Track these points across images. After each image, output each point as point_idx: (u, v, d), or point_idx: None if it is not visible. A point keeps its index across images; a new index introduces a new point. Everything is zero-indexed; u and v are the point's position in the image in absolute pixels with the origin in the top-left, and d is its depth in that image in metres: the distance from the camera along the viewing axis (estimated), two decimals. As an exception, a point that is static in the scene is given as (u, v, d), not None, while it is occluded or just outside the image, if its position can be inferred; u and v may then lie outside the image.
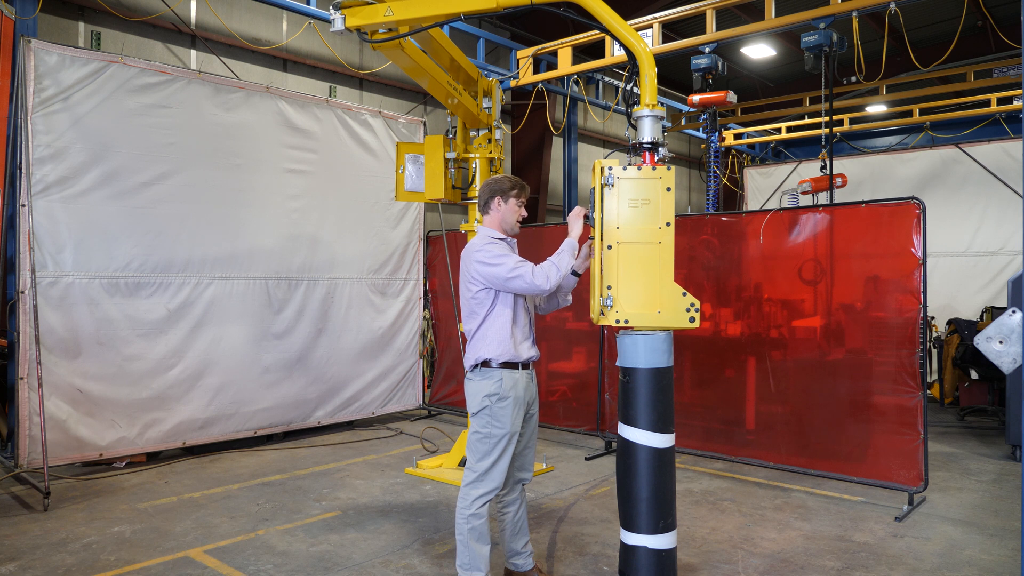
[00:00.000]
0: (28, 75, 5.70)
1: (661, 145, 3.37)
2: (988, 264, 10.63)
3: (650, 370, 3.21)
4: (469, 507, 3.54)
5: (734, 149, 15.12)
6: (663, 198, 3.25)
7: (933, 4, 11.48)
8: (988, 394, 8.43)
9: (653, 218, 3.24)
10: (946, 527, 4.92)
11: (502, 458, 3.57)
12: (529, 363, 3.70)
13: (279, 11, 9.24)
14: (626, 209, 3.26)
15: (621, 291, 3.25)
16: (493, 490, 3.57)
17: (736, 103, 10.55)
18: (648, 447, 3.19)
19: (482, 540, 3.56)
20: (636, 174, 3.27)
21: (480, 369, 3.62)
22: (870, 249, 5.86)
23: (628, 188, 3.26)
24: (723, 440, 6.50)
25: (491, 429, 3.55)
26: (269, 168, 7.22)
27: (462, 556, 3.57)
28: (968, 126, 12.35)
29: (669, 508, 3.23)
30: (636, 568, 3.22)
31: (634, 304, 3.25)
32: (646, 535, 3.18)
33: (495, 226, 3.76)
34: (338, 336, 7.77)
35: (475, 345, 3.65)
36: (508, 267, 3.50)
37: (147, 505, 5.28)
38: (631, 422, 3.23)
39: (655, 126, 3.38)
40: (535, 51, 9.91)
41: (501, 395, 3.56)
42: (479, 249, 3.60)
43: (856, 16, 6.96)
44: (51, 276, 5.85)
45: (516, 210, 3.75)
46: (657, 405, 3.21)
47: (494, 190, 3.75)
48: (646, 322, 3.24)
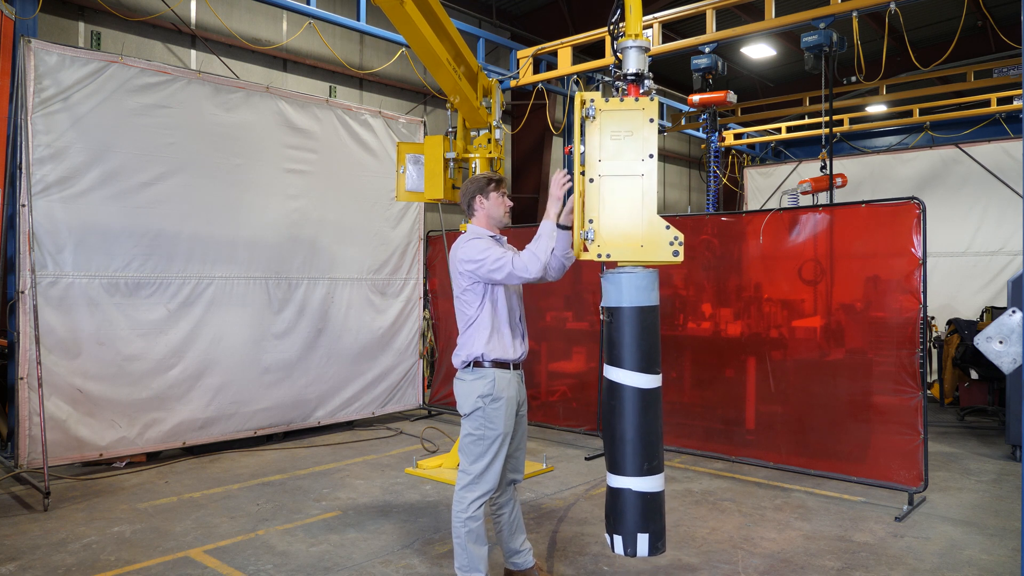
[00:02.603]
0: (28, 75, 5.70)
1: (647, 77, 3.28)
2: (988, 264, 10.63)
3: (634, 308, 3.12)
4: (465, 510, 3.54)
5: (734, 149, 15.11)
6: (646, 129, 3.17)
7: (933, 4, 11.48)
8: (988, 394, 8.43)
9: (635, 150, 3.16)
10: (946, 527, 4.92)
11: (496, 459, 3.56)
12: (519, 364, 3.70)
13: (279, 11, 9.24)
14: (608, 141, 3.18)
15: (603, 225, 3.16)
16: (488, 492, 3.56)
17: (736, 103, 10.57)
18: (633, 387, 3.10)
19: (479, 541, 3.55)
20: (618, 105, 3.18)
21: (472, 368, 3.60)
22: (870, 249, 5.86)
23: (610, 120, 3.18)
24: (723, 440, 6.50)
25: (485, 431, 3.55)
26: (269, 168, 7.23)
27: (460, 558, 3.56)
28: (968, 126, 12.35)
29: (655, 450, 3.14)
30: (621, 511, 3.14)
31: (616, 238, 3.15)
32: (632, 477, 3.09)
33: (483, 224, 3.77)
34: (338, 336, 7.77)
35: (465, 342, 3.63)
36: (492, 259, 3.49)
37: (147, 505, 5.28)
38: (615, 362, 3.15)
39: (640, 57, 3.29)
40: (535, 51, 9.91)
41: (494, 396, 3.54)
42: (463, 246, 3.62)
43: (856, 16, 6.96)
44: (51, 276, 5.85)
45: (501, 201, 3.74)
46: (642, 344, 3.13)
47: (473, 190, 3.76)
48: (628, 255, 3.15)
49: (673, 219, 7.17)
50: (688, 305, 7.01)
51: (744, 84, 16.01)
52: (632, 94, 3.25)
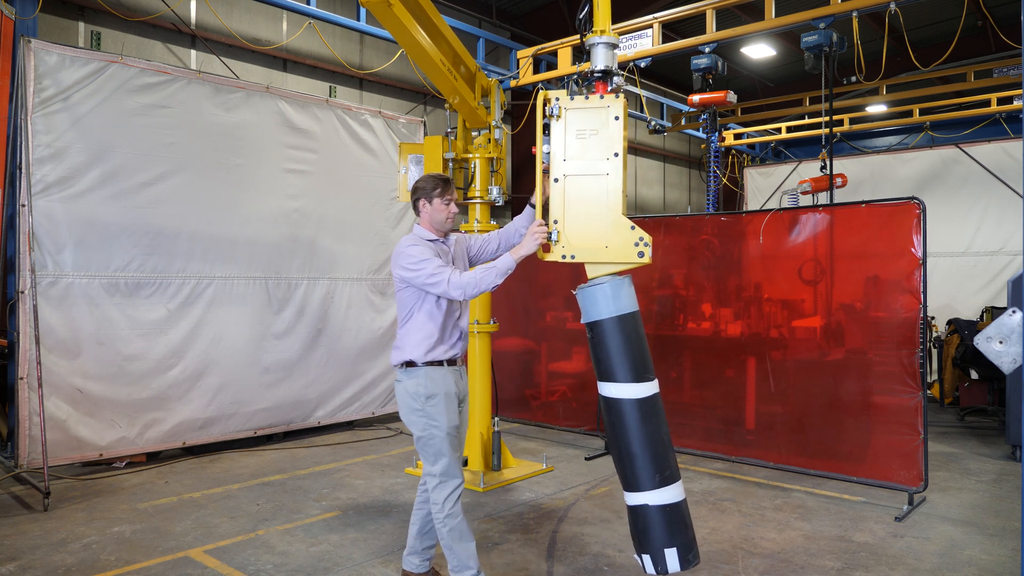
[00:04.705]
0: (28, 75, 5.70)
1: (616, 74, 3.23)
2: (988, 264, 10.63)
3: (614, 319, 3.05)
4: (442, 510, 3.53)
5: (734, 149, 15.11)
6: (612, 127, 3.10)
7: (933, 4, 11.47)
8: (988, 394, 8.43)
9: (601, 149, 3.10)
10: (946, 527, 4.92)
11: (454, 453, 3.58)
12: (456, 360, 3.69)
13: (279, 11, 9.23)
14: (573, 140, 3.13)
15: (568, 225, 3.12)
16: (458, 486, 3.56)
17: (736, 103, 10.56)
18: (630, 399, 3.03)
19: (464, 538, 3.54)
20: (583, 104, 3.12)
21: (406, 369, 3.60)
22: (870, 249, 5.86)
23: (575, 119, 3.13)
24: (723, 440, 6.50)
25: (431, 430, 3.54)
26: (269, 168, 7.23)
27: (451, 560, 3.55)
28: (968, 126, 12.35)
29: (665, 458, 3.04)
30: (644, 529, 3.02)
31: (580, 239, 3.11)
32: (647, 492, 3.00)
33: (426, 226, 3.76)
34: (338, 336, 7.77)
35: (401, 341, 3.63)
36: (426, 273, 3.47)
37: (147, 505, 5.28)
38: (607, 377, 3.08)
39: (608, 53, 3.23)
40: (535, 51, 9.91)
41: (428, 393, 3.54)
42: (402, 252, 3.59)
43: (856, 16, 6.95)
44: (51, 276, 5.84)
45: (443, 209, 3.70)
46: (629, 353, 3.05)
47: (420, 193, 3.74)
48: (593, 257, 3.11)
49: (673, 219, 7.19)
50: (688, 305, 7.01)
51: (744, 84, 16.01)
52: (600, 91, 3.20)
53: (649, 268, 7.11)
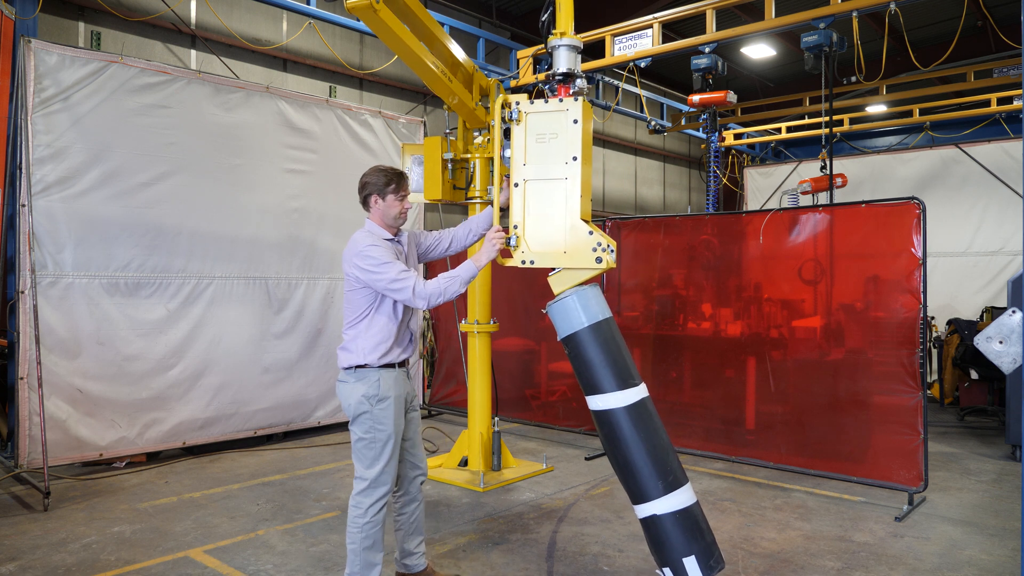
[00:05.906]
0: (28, 75, 5.70)
1: (578, 76, 3.20)
2: (988, 264, 10.64)
3: (587, 328, 3.01)
4: (363, 515, 3.42)
5: (734, 149, 15.11)
6: (571, 131, 3.07)
7: (933, 4, 11.47)
8: (988, 394, 8.43)
9: (560, 153, 3.07)
10: (946, 527, 4.92)
11: (391, 461, 3.47)
12: (406, 363, 3.62)
13: (279, 11, 9.23)
14: (533, 144, 3.11)
15: (527, 230, 3.11)
16: (386, 494, 3.47)
17: (736, 103, 10.56)
18: (620, 408, 2.98)
19: (375, 548, 3.45)
20: (542, 107, 3.10)
21: (355, 371, 3.48)
22: (870, 249, 5.86)
23: (535, 122, 3.11)
24: (723, 440, 6.50)
25: (375, 433, 3.44)
26: (269, 168, 7.22)
27: (352, 565, 3.43)
28: (968, 126, 12.35)
29: (666, 462, 2.98)
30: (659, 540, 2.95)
31: (540, 244, 3.09)
32: (654, 501, 2.94)
33: (377, 222, 3.65)
34: (338, 336, 7.77)
35: (350, 343, 3.50)
36: (388, 278, 3.36)
37: (147, 505, 5.28)
38: (593, 390, 3.04)
39: (570, 56, 3.21)
40: (535, 51, 9.90)
41: (380, 396, 3.44)
42: (359, 253, 3.46)
43: (856, 16, 6.95)
44: (51, 276, 5.84)
45: (396, 205, 3.61)
46: (609, 360, 3.00)
47: (370, 188, 3.62)
48: (551, 262, 3.09)
49: (673, 219, 7.19)
50: (688, 305, 7.01)
51: (744, 84, 16.00)
52: (561, 94, 3.18)
53: (649, 268, 7.15)
